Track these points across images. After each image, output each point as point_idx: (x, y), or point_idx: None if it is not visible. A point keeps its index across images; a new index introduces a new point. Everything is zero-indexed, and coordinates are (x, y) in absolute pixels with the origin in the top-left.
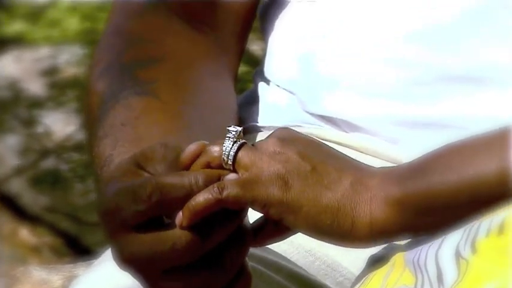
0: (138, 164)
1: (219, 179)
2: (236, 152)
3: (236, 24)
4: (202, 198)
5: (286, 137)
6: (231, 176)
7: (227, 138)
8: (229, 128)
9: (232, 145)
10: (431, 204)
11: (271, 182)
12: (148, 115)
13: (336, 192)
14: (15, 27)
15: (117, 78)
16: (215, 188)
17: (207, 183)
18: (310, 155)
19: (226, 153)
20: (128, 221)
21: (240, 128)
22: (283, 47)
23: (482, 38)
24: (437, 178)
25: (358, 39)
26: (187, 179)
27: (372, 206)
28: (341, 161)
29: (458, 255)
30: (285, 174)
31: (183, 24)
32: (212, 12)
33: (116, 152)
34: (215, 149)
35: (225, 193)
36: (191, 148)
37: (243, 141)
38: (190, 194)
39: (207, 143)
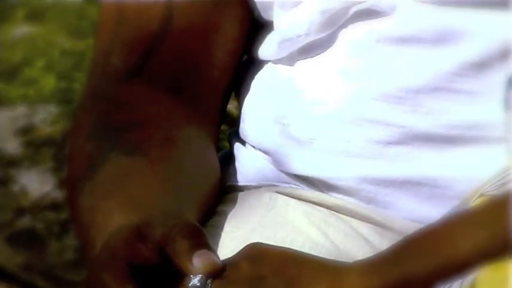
0: (137, 233)
1: None
2: None
3: (216, 92)
4: None
5: (257, 254)
6: None
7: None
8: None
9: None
10: None
11: None
12: (138, 175)
13: None
14: None
15: (105, 140)
16: None
17: None
18: (284, 269)
19: None
20: None
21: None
22: (257, 108)
23: (454, 98)
24: (414, 264)
25: (329, 100)
26: None
27: None
28: (316, 267)
29: None
30: None
31: (164, 91)
32: (192, 81)
33: (106, 210)
34: None
35: None
36: None
37: (210, 280)
38: None
39: None
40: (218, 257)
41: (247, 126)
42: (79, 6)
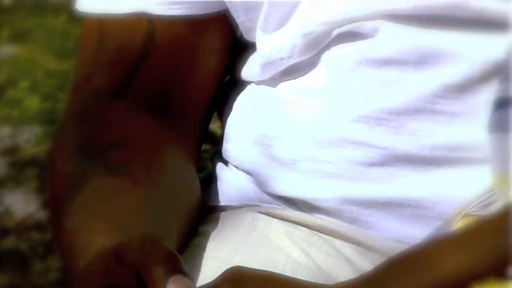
0: (116, 257)
1: None
2: None
3: (197, 112)
4: None
5: (238, 278)
6: None
7: None
8: None
9: None
10: None
11: None
12: (120, 196)
13: None
14: None
15: (87, 160)
16: None
17: None
18: None
19: None
20: None
21: None
22: (240, 129)
23: (436, 119)
24: (396, 287)
25: (311, 121)
26: None
27: None
28: None
29: None
30: None
31: (145, 111)
32: (174, 101)
33: (88, 231)
34: None
35: None
36: None
37: None
38: None
39: None
40: (193, 283)
41: (230, 146)
42: (63, 26)
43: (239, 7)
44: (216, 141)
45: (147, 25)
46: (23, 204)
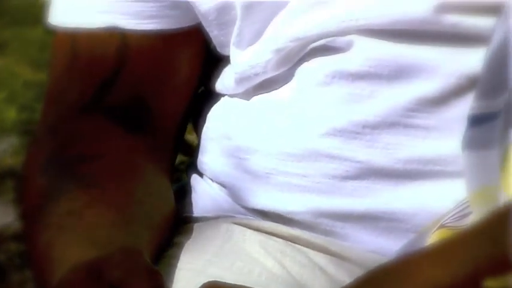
0: (92, 271)
1: None
2: None
3: (171, 124)
4: None
5: None
6: None
7: None
8: None
9: None
10: None
11: None
12: (93, 207)
13: None
14: None
15: (59, 173)
16: None
17: None
18: None
19: None
20: None
21: None
22: (214, 141)
23: (410, 133)
24: None
25: (285, 135)
26: None
27: None
28: None
29: None
30: None
31: (118, 124)
32: (146, 113)
33: (61, 244)
34: None
35: None
36: None
37: None
38: None
39: None
40: None
41: (205, 158)
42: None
43: (212, 22)
44: (193, 152)
45: (119, 39)
46: (0, 215)
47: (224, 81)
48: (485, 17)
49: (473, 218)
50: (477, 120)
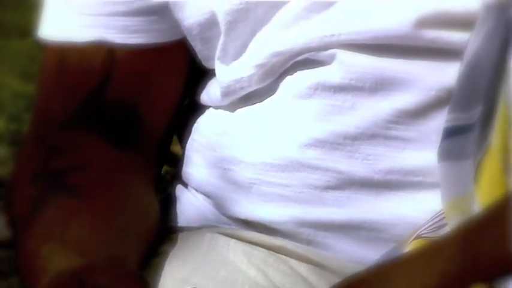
0: (78, 279)
1: None
2: None
3: (156, 135)
4: None
5: None
6: None
7: None
8: None
9: None
10: None
11: None
12: (78, 217)
13: None
14: None
15: (46, 183)
16: None
17: None
18: None
19: None
20: None
21: None
22: (199, 152)
23: (390, 144)
24: None
25: (267, 146)
26: None
27: None
28: None
29: None
30: None
31: (104, 136)
32: (132, 125)
33: (47, 253)
34: None
35: None
36: None
37: None
38: None
39: None
40: None
41: (189, 169)
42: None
43: (195, 37)
44: (178, 163)
45: (106, 53)
46: None
47: (210, 94)
48: (463, 32)
49: (448, 229)
50: (451, 132)
